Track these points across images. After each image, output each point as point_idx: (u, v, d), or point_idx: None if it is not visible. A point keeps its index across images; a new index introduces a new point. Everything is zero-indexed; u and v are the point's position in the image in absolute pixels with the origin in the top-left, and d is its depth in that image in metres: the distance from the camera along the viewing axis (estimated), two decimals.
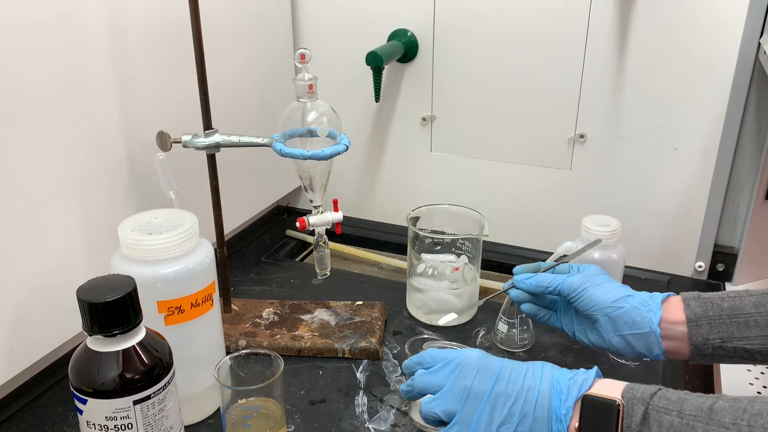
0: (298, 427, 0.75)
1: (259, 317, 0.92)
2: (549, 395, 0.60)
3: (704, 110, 0.99)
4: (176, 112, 0.91)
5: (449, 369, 0.64)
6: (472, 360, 0.64)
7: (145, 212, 0.72)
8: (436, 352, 0.67)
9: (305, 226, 0.84)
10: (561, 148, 1.10)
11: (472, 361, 0.64)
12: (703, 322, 0.66)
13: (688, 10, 0.96)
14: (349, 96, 1.19)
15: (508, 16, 1.05)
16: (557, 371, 0.62)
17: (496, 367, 0.63)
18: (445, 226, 0.98)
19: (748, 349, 0.64)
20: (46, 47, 0.72)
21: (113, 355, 0.57)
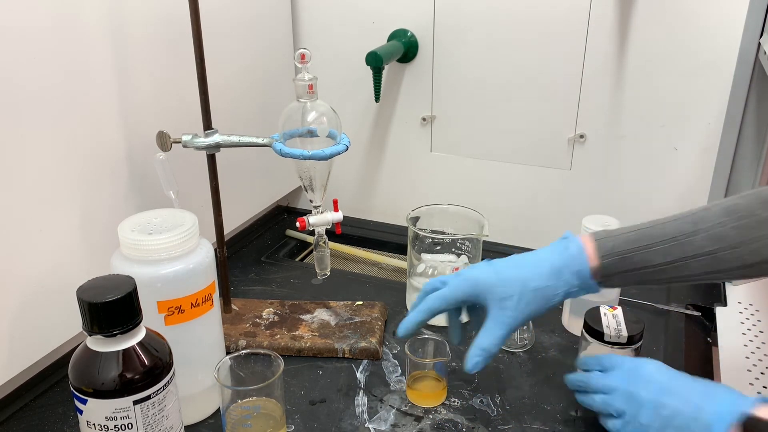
0: (298, 427, 0.75)
1: (259, 317, 0.92)
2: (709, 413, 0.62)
3: (704, 110, 0.99)
4: (176, 112, 0.91)
5: (622, 372, 0.69)
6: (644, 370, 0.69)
7: (145, 212, 0.72)
8: (614, 357, 0.73)
9: (305, 226, 0.84)
10: (561, 148, 1.10)
11: (644, 372, 0.68)
12: (615, 276, 0.68)
13: (688, 10, 0.96)
14: (349, 96, 1.19)
15: (508, 16, 1.05)
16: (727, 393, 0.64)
17: (663, 379, 0.67)
18: (445, 226, 0.98)
19: (646, 285, 0.70)
20: (46, 47, 0.72)
21: (113, 355, 0.57)
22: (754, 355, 0.87)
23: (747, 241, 0.63)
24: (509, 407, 0.78)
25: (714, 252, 0.64)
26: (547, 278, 0.69)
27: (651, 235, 0.67)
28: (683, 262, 0.65)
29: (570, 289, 0.69)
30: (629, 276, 0.68)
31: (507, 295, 0.69)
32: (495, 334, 0.69)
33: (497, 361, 0.86)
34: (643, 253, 0.67)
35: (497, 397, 0.80)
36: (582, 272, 0.69)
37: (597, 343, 0.79)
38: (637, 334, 0.78)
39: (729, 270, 0.64)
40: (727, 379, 0.82)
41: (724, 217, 0.64)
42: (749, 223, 0.63)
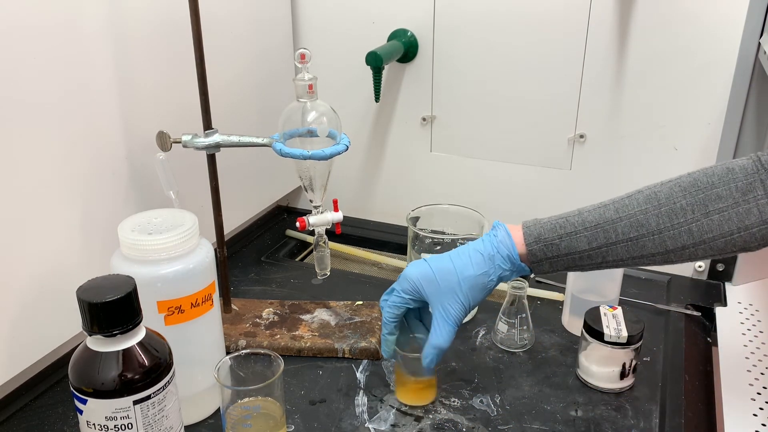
0: (298, 427, 0.75)
1: (259, 317, 0.92)
2: None
3: (704, 110, 0.99)
4: (176, 112, 0.91)
5: None
6: None
7: (145, 212, 0.72)
8: None
9: (305, 226, 0.84)
10: (561, 148, 1.10)
11: None
12: (544, 262, 0.71)
13: (688, 10, 0.96)
14: (349, 96, 1.19)
15: (508, 17, 1.05)
16: None
17: None
18: (445, 226, 0.98)
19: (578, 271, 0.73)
20: (46, 48, 0.72)
21: (113, 355, 0.57)
22: (754, 356, 0.87)
23: (667, 228, 0.65)
24: (509, 407, 0.78)
25: (636, 238, 0.67)
26: (479, 265, 0.71)
27: (576, 222, 0.70)
28: (608, 247, 0.68)
29: (503, 273, 0.71)
30: (558, 262, 0.70)
31: (445, 289, 0.72)
32: (443, 330, 0.72)
33: (497, 361, 0.86)
34: (568, 240, 0.69)
35: (497, 397, 0.80)
36: (512, 256, 0.71)
37: (597, 343, 0.79)
38: (637, 334, 0.78)
39: (652, 255, 0.67)
40: (727, 379, 0.82)
41: (645, 204, 0.67)
42: (669, 210, 0.66)
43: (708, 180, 0.65)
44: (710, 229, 0.64)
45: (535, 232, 0.71)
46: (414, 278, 0.73)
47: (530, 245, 0.70)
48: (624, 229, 0.67)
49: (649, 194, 0.67)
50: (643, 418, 0.76)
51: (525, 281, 0.86)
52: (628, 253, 0.67)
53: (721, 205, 0.64)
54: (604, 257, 0.68)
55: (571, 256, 0.69)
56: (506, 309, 0.88)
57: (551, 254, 0.70)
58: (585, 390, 0.81)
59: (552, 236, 0.70)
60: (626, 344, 0.78)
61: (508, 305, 0.87)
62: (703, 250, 0.65)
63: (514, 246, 0.71)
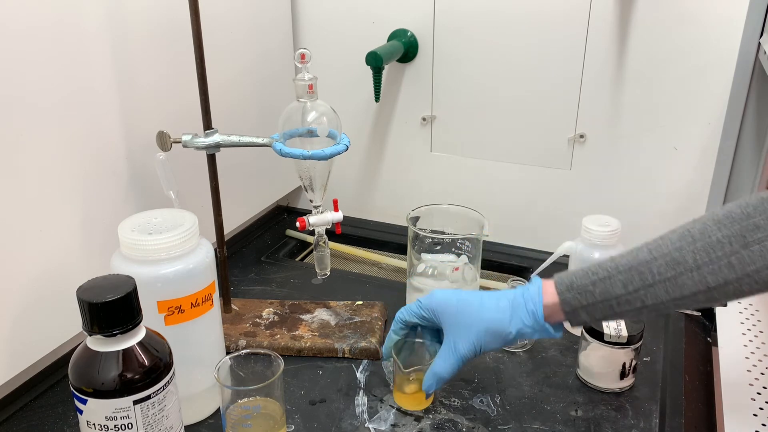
0: (298, 427, 0.75)
1: (259, 317, 0.92)
2: None
3: (704, 110, 0.99)
4: (176, 112, 0.91)
5: None
6: None
7: (145, 212, 0.72)
8: None
9: (305, 226, 0.84)
10: (561, 148, 1.10)
11: None
12: (580, 311, 0.68)
13: (688, 10, 0.96)
14: (349, 96, 1.19)
15: (508, 16, 1.05)
16: None
17: None
18: (445, 226, 0.98)
19: (619, 319, 0.70)
20: (46, 48, 0.72)
21: (113, 355, 0.57)
22: (754, 356, 0.87)
23: (705, 263, 0.62)
24: (509, 407, 0.78)
25: (674, 277, 0.63)
26: (502, 311, 0.70)
27: (609, 266, 0.67)
28: (645, 290, 0.64)
29: (523, 328, 0.70)
30: (594, 309, 0.67)
31: (462, 324, 0.72)
32: (447, 362, 0.72)
33: (497, 361, 0.86)
34: (602, 285, 0.66)
35: (497, 397, 0.80)
36: (536, 312, 0.69)
37: (597, 343, 0.79)
38: (637, 334, 0.78)
39: (694, 294, 0.63)
40: (727, 379, 0.82)
41: (679, 242, 0.64)
42: (705, 245, 0.62)
43: (742, 211, 0.62)
44: (752, 261, 0.60)
45: (567, 280, 0.68)
46: (436, 301, 0.74)
47: (563, 294, 0.68)
48: (660, 269, 0.63)
49: (682, 232, 0.64)
50: (643, 418, 0.76)
51: (525, 281, 0.86)
52: (667, 295, 0.63)
53: (759, 235, 0.60)
54: (643, 301, 0.65)
55: (607, 302, 0.66)
56: None
57: (586, 301, 0.67)
58: (585, 390, 0.81)
59: (585, 282, 0.67)
60: (626, 344, 0.78)
61: None
62: (748, 284, 0.61)
63: (541, 304, 0.69)
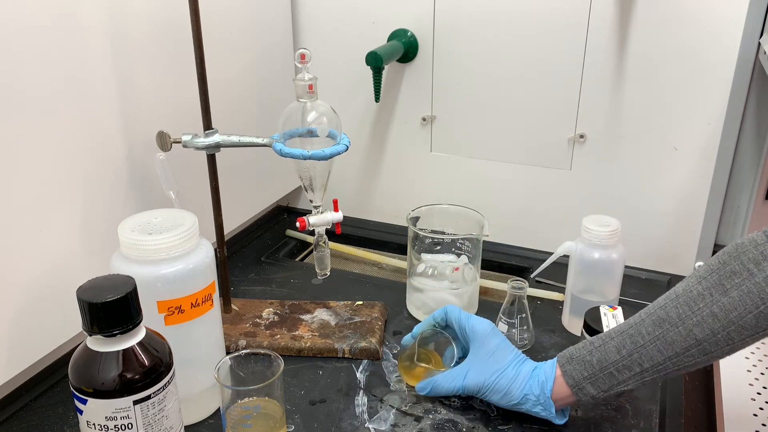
0: (298, 427, 0.75)
1: (259, 317, 0.92)
2: None
3: (704, 110, 0.99)
4: (176, 112, 0.91)
5: None
6: None
7: (145, 212, 0.72)
8: None
9: (305, 226, 0.84)
10: (561, 148, 1.10)
11: None
12: (584, 383, 0.69)
13: (688, 11, 0.96)
14: (349, 96, 1.19)
15: (508, 16, 1.05)
16: None
17: None
18: (445, 226, 0.98)
19: (628, 389, 0.68)
20: (46, 48, 0.72)
21: (113, 355, 0.57)
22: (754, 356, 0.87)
23: (688, 316, 0.63)
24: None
25: (662, 335, 0.64)
26: (520, 375, 0.72)
27: (603, 335, 0.69)
28: (638, 352, 0.66)
29: (529, 395, 0.71)
30: (598, 380, 0.68)
31: (485, 363, 0.74)
32: (451, 383, 0.75)
33: None
34: (598, 354, 0.68)
35: None
36: (545, 384, 0.71)
37: None
38: None
39: (686, 350, 0.63)
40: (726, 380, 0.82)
41: (664, 301, 0.66)
42: (687, 299, 0.64)
43: (719, 260, 0.63)
44: (733, 307, 0.61)
45: (568, 353, 0.71)
46: (480, 331, 0.76)
47: (564, 366, 0.70)
48: (648, 329, 0.65)
49: (668, 293, 0.66)
50: (643, 418, 0.76)
51: (525, 281, 0.86)
52: (660, 354, 0.64)
53: (737, 280, 0.61)
54: (640, 365, 0.66)
55: (606, 370, 0.67)
56: (506, 309, 0.88)
57: (587, 372, 0.68)
58: None
59: (583, 353, 0.69)
60: None
61: (508, 305, 0.87)
62: (735, 331, 0.61)
63: (552, 376, 0.71)
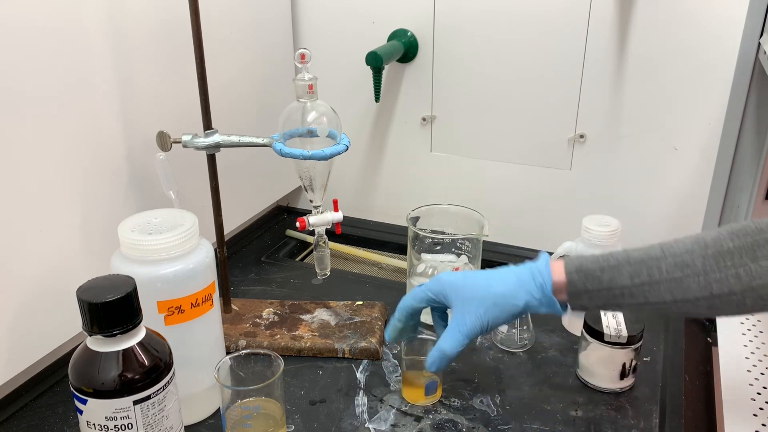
0: (298, 427, 0.75)
1: (259, 317, 0.92)
2: None
3: (704, 110, 0.99)
4: (176, 112, 0.91)
5: None
6: None
7: (145, 212, 0.72)
8: None
9: (305, 226, 0.84)
10: (561, 148, 1.10)
11: None
12: (583, 294, 0.68)
13: (688, 11, 0.96)
14: (349, 96, 1.19)
15: (508, 16, 1.05)
16: None
17: None
18: (445, 226, 0.98)
19: (618, 311, 0.70)
20: (46, 48, 0.72)
21: (113, 355, 0.57)
22: (754, 356, 0.87)
23: (713, 270, 0.63)
24: (509, 407, 0.78)
25: (681, 278, 0.64)
26: (509, 286, 0.70)
27: (619, 257, 0.68)
28: (650, 286, 0.65)
29: (531, 301, 0.70)
30: (597, 296, 0.67)
31: (469, 298, 0.71)
32: (455, 338, 0.71)
33: (497, 361, 0.86)
34: (610, 273, 0.67)
35: (497, 397, 0.80)
36: (544, 286, 0.69)
37: (597, 343, 0.79)
38: (637, 334, 0.78)
39: (697, 300, 0.64)
40: (726, 379, 0.82)
41: (692, 245, 0.65)
42: (716, 252, 0.63)
43: (756, 226, 0.62)
44: (759, 275, 0.61)
45: (576, 262, 0.69)
46: (444, 281, 0.73)
47: (570, 273, 0.68)
48: (669, 268, 0.64)
49: (696, 238, 0.65)
50: (643, 418, 0.76)
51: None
52: (671, 295, 0.64)
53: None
54: (646, 297, 0.65)
55: (611, 290, 0.66)
56: None
57: (591, 286, 0.67)
58: (585, 390, 0.81)
59: (594, 267, 0.68)
60: (626, 344, 0.78)
61: None
62: (752, 298, 0.61)
63: (549, 276, 0.69)
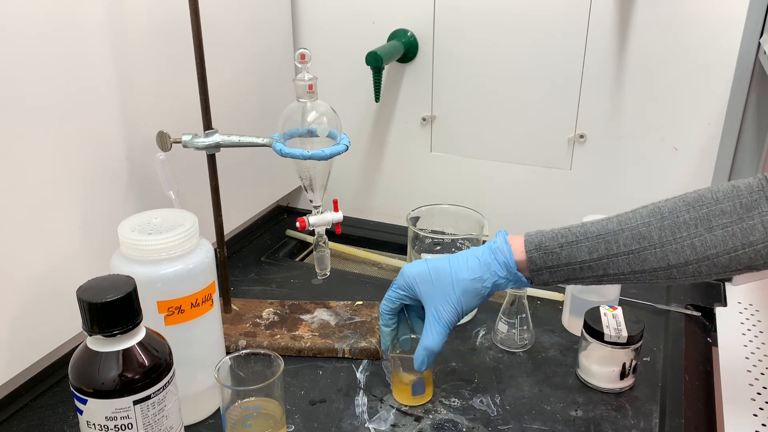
0: (298, 427, 0.75)
1: (259, 317, 0.92)
2: None
3: (704, 110, 0.99)
4: (176, 112, 0.91)
5: None
6: None
7: (145, 212, 0.72)
8: None
9: (305, 226, 0.84)
10: (561, 148, 1.10)
11: None
12: (544, 271, 0.70)
13: (688, 11, 0.96)
14: (349, 96, 1.19)
15: (508, 16, 1.05)
16: None
17: None
18: (445, 226, 0.98)
19: (579, 285, 0.72)
20: (46, 48, 0.72)
21: (113, 355, 0.57)
22: (754, 356, 0.87)
23: (669, 241, 0.64)
24: (509, 407, 0.78)
25: (638, 251, 0.65)
26: (474, 270, 0.71)
27: (578, 232, 0.69)
28: (609, 259, 0.67)
29: (498, 281, 0.71)
30: (558, 272, 0.69)
31: (439, 289, 0.72)
32: (435, 331, 0.72)
33: (497, 361, 0.86)
34: (569, 249, 0.68)
35: (497, 397, 0.80)
36: (508, 263, 0.70)
37: (597, 343, 0.79)
38: (637, 334, 0.78)
39: (654, 271, 0.65)
40: (727, 379, 0.82)
41: (648, 217, 0.66)
42: (672, 223, 0.65)
43: (712, 196, 0.64)
44: (714, 245, 0.63)
45: (536, 240, 0.70)
46: (409, 275, 0.73)
47: (530, 252, 0.70)
48: (626, 241, 0.66)
49: (653, 208, 0.67)
50: (643, 418, 0.76)
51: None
52: (629, 267, 0.66)
53: (725, 220, 0.63)
54: (605, 269, 0.67)
55: (571, 266, 0.68)
56: (506, 309, 0.88)
57: (551, 263, 0.69)
58: (585, 390, 0.81)
59: (553, 245, 0.69)
60: (626, 344, 0.78)
61: (508, 305, 0.87)
62: (707, 266, 0.64)
63: (511, 253, 0.70)
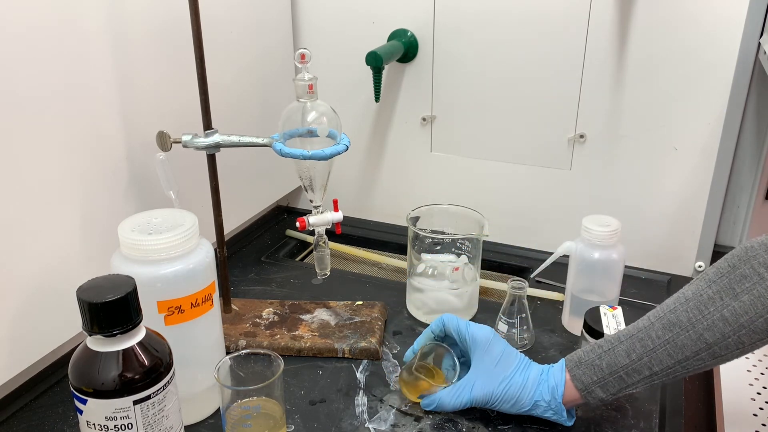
0: (298, 427, 0.75)
1: (259, 317, 0.92)
2: None
3: (704, 110, 0.99)
4: (176, 112, 0.91)
5: None
6: None
7: (145, 212, 0.72)
8: None
9: (305, 226, 0.84)
10: (561, 148, 1.10)
11: None
12: (593, 387, 0.69)
13: (688, 11, 0.96)
14: (349, 96, 1.19)
15: (508, 16, 1.05)
16: None
17: None
18: (445, 226, 0.98)
19: (636, 392, 0.69)
20: (47, 48, 0.72)
21: (113, 355, 0.57)
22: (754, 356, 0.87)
23: (699, 320, 0.63)
24: None
25: (672, 339, 0.64)
26: (528, 380, 0.72)
27: (611, 338, 0.69)
28: (648, 356, 0.66)
29: (540, 402, 0.71)
30: (607, 384, 0.68)
31: (491, 372, 0.73)
32: (458, 398, 0.74)
33: None
34: (607, 358, 0.68)
35: None
36: (556, 390, 0.70)
37: None
38: None
39: (696, 354, 0.64)
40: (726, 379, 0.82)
41: (674, 304, 0.66)
42: (697, 303, 0.64)
43: (728, 264, 0.63)
44: (744, 311, 0.61)
45: (576, 357, 0.71)
46: (479, 336, 0.74)
47: (573, 370, 0.70)
48: (658, 332, 0.65)
49: (677, 296, 0.66)
50: (643, 418, 0.76)
51: (525, 281, 0.86)
52: (671, 358, 0.65)
53: (747, 284, 0.61)
54: (650, 368, 0.66)
55: (616, 373, 0.67)
56: (506, 309, 0.88)
57: (596, 376, 0.68)
58: None
59: (592, 357, 0.69)
60: None
61: (508, 305, 0.87)
62: (747, 335, 0.61)
63: (562, 381, 0.70)
